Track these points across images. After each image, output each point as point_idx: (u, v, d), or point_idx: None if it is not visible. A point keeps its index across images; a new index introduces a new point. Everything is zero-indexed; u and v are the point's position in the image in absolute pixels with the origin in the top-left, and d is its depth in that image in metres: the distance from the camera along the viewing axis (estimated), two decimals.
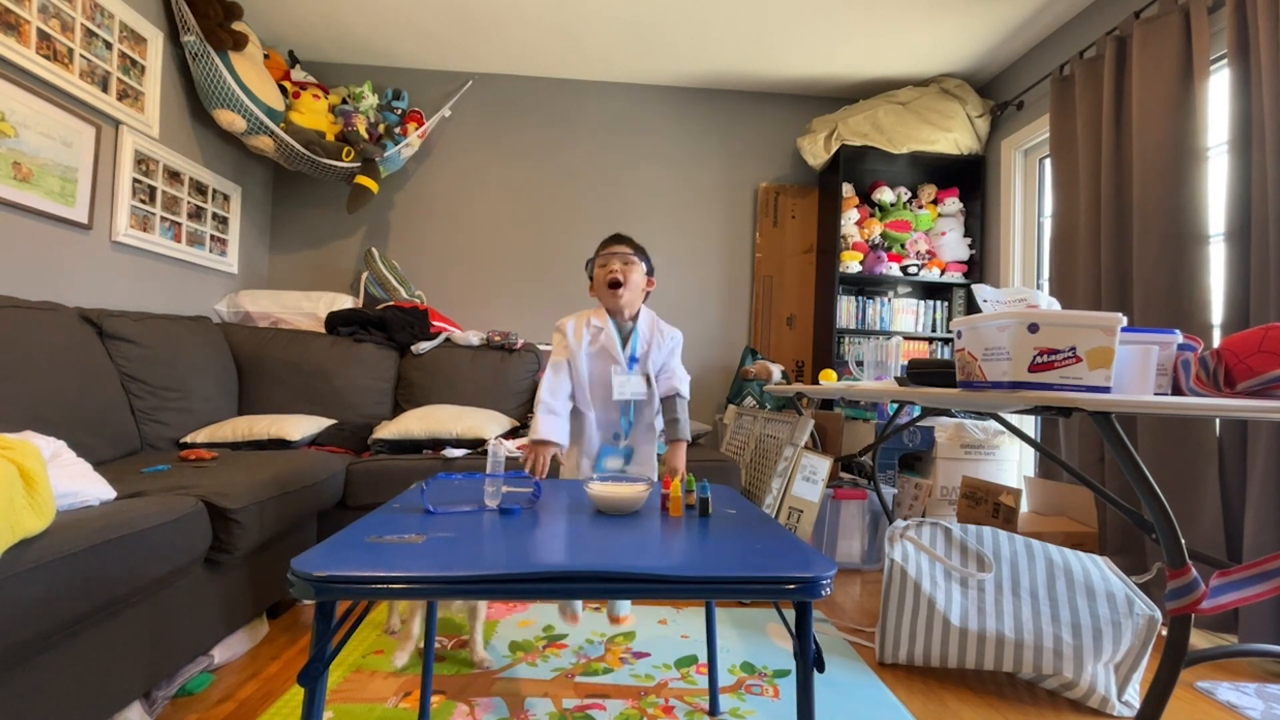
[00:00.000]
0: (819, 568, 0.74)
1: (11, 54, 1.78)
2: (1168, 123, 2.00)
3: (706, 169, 3.37)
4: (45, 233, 1.96)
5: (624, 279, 1.47)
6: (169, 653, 1.30)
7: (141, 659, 1.23)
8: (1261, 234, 1.71)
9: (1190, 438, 1.84)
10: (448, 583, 0.70)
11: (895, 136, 3.01)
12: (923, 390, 1.50)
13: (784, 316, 3.36)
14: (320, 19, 2.86)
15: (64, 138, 1.98)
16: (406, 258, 3.23)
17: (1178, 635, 0.97)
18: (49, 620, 0.97)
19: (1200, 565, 1.59)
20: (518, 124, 3.31)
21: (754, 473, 2.57)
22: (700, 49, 2.99)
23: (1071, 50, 2.51)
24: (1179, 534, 0.99)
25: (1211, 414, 1.07)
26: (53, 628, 0.99)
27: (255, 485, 1.54)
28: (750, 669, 1.59)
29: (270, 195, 3.22)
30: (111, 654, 1.15)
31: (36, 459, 1.03)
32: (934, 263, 3.13)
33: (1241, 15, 1.81)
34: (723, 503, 1.15)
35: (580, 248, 3.31)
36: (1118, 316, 1.08)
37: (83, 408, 1.74)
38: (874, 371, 2.12)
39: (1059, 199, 2.45)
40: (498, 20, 2.82)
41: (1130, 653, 1.43)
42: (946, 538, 1.67)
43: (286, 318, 2.81)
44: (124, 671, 1.18)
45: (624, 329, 1.52)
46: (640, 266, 1.51)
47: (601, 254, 1.52)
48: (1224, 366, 1.12)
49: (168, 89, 2.44)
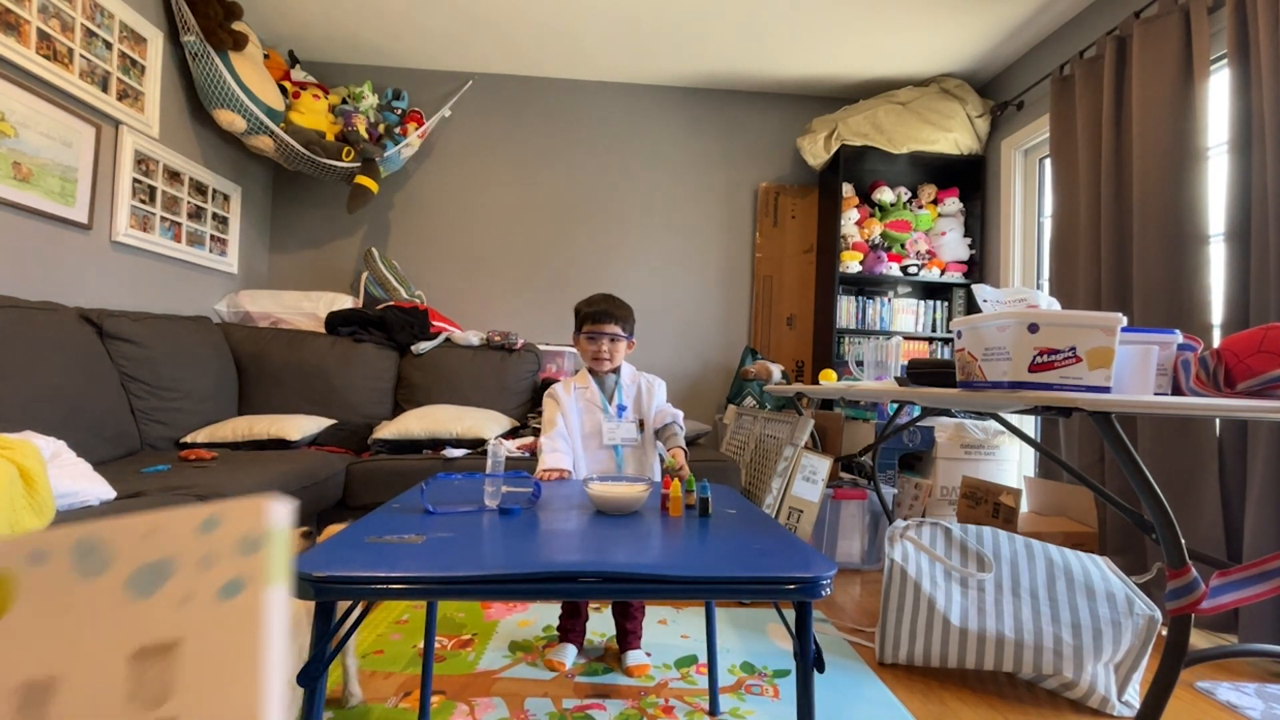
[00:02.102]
0: (819, 568, 0.74)
1: (11, 54, 1.78)
2: (1168, 123, 2.00)
3: (706, 169, 3.37)
4: (45, 233, 1.96)
5: (610, 356, 1.55)
6: None
7: None
8: (1261, 234, 1.71)
9: (1190, 438, 1.84)
10: (448, 583, 0.70)
11: (895, 136, 3.01)
12: (923, 390, 1.50)
13: (784, 316, 3.36)
14: (320, 19, 2.86)
15: (64, 138, 1.98)
16: (406, 258, 3.23)
17: (1178, 635, 0.97)
18: None
19: (1200, 565, 1.58)
20: (518, 124, 3.31)
21: (754, 473, 2.57)
22: (700, 49, 2.99)
23: (1071, 50, 2.51)
24: (1179, 534, 0.99)
25: (1211, 414, 1.07)
26: None
27: (255, 485, 1.55)
28: (750, 669, 1.59)
29: (270, 195, 3.23)
30: None
31: (36, 459, 1.03)
32: (934, 263, 3.13)
33: (1241, 15, 1.81)
34: (723, 503, 1.15)
35: (580, 247, 3.31)
36: (1118, 316, 1.08)
37: (83, 408, 1.74)
38: (874, 371, 2.12)
39: (1059, 199, 2.45)
40: (498, 20, 2.82)
41: (1130, 653, 1.43)
42: (946, 538, 1.67)
43: (286, 318, 2.81)
44: None
45: (607, 384, 1.59)
46: (623, 342, 1.57)
47: (588, 330, 1.55)
48: (1224, 366, 1.12)
49: (168, 89, 2.44)
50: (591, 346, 1.55)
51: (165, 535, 0.29)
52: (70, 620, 0.28)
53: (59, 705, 0.26)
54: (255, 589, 0.28)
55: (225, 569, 0.28)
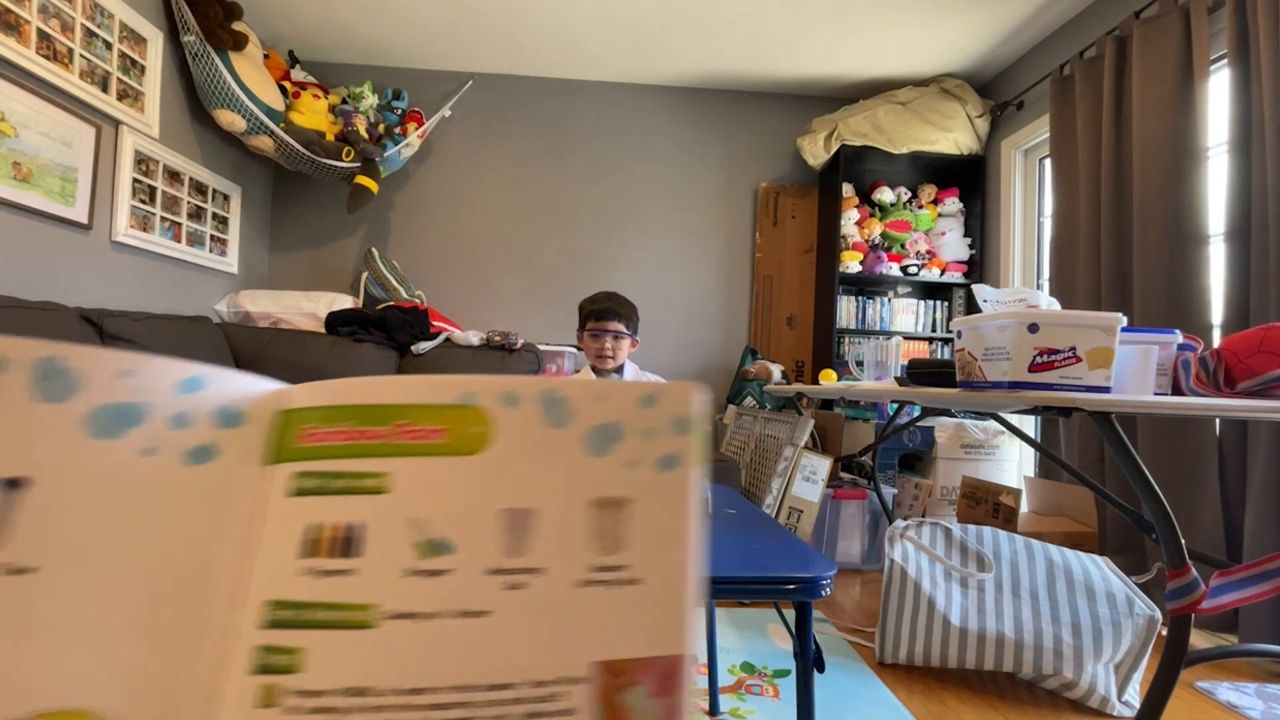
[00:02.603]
0: (819, 568, 0.74)
1: (11, 54, 1.78)
2: (1168, 123, 2.00)
3: (706, 169, 3.37)
4: (45, 233, 1.96)
5: (614, 354, 1.54)
6: None
7: None
8: (1261, 234, 1.71)
9: (1190, 438, 1.84)
10: None
11: (895, 136, 3.01)
12: (923, 390, 1.50)
13: (784, 316, 3.36)
14: (320, 19, 2.86)
15: (64, 138, 1.98)
16: (406, 258, 3.23)
17: (1178, 635, 0.97)
18: None
19: (1200, 565, 1.58)
20: (518, 124, 3.31)
21: (754, 473, 2.57)
22: (700, 49, 2.99)
23: (1071, 50, 2.51)
24: (1179, 534, 0.99)
25: (1211, 414, 1.07)
26: None
27: None
28: (750, 669, 1.59)
29: (270, 195, 3.23)
30: None
31: None
32: (934, 263, 3.13)
33: (1241, 15, 1.81)
34: (723, 503, 1.15)
35: (580, 247, 3.31)
36: (1118, 316, 1.08)
37: None
38: (874, 371, 2.12)
39: (1059, 199, 2.45)
40: (498, 20, 2.82)
41: (1130, 653, 1.43)
42: (946, 538, 1.67)
43: (286, 318, 2.81)
44: None
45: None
46: (627, 340, 1.56)
47: (591, 327, 1.54)
48: (1224, 366, 1.12)
49: (168, 89, 2.44)
50: (595, 344, 1.54)
51: (613, 402, 0.32)
52: (541, 464, 0.31)
53: (537, 532, 0.30)
54: (687, 466, 0.31)
55: (663, 443, 0.31)
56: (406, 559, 0.29)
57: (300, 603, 0.29)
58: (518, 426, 0.31)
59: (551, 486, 0.30)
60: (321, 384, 0.33)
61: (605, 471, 0.30)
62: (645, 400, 0.31)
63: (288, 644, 0.28)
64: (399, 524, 0.30)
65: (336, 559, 0.29)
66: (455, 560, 0.30)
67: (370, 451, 0.30)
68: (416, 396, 0.31)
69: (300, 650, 0.28)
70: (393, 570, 0.29)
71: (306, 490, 0.30)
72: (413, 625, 0.29)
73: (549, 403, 0.31)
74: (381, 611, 0.29)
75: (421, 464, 0.30)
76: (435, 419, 0.31)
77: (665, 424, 0.31)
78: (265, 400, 0.32)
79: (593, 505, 0.30)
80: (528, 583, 0.29)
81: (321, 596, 0.29)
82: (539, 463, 0.31)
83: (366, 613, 0.28)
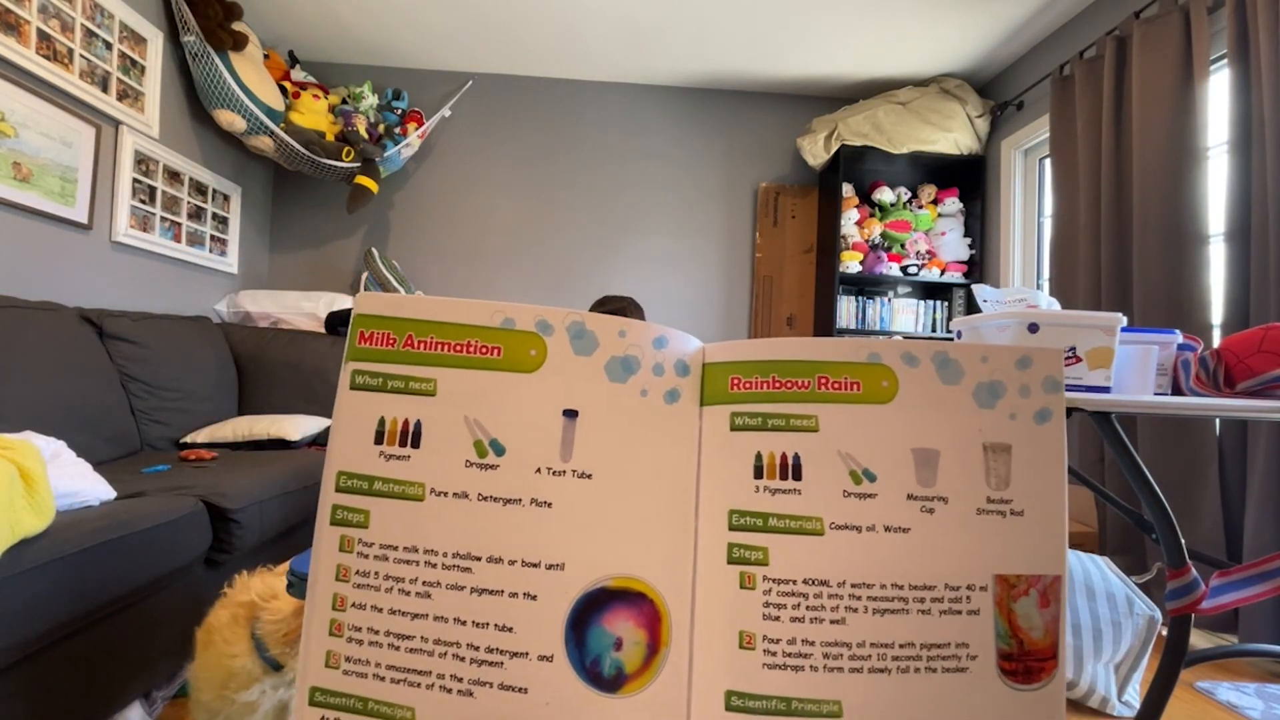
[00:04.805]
0: None
1: (11, 54, 1.78)
2: (1168, 123, 2.00)
3: (706, 169, 3.37)
4: (45, 233, 1.96)
5: None
6: (169, 653, 1.30)
7: (142, 659, 1.23)
8: (1261, 234, 1.71)
9: (1190, 438, 1.84)
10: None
11: (895, 136, 3.01)
12: None
13: (784, 316, 3.36)
14: (320, 19, 2.86)
15: (64, 138, 1.98)
16: (406, 258, 3.24)
17: (1178, 635, 0.97)
18: (49, 620, 0.97)
19: (1200, 565, 1.58)
20: (518, 124, 3.31)
21: None
22: (700, 49, 2.99)
23: (1071, 50, 2.51)
24: (1179, 534, 0.99)
25: (1211, 414, 1.07)
26: (52, 627, 0.99)
27: (255, 485, 1.54)
28: None
29: (270, 195, 3.23)
30: (111, 654, 1.15)
31: (36, 459, 1.03)
32: (934, 263, 3.13)
33: (1241, 15, 1.81)
34: None
35: (580, 247, 3.31)
36: (1118, 316, 1.07)
37: (83, 408, 1.74)
38: None
39: (1059, 199, 2.45)
40: (498, 20, 2.82)
41: (1130, 653, 1.43)
42: None
43: (286, 318, 2.81)
44: (124, 671, 1.18)
45: None
46: None
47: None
48: (1224, 366, 1.12)
49: (168, 89, 2.44)
50: None
51: (995, 364, 0.39)
52: (941, 413, 0.38)
53: (943, 469, 0.37)
54: (1058, 420, 0.39)
55: (1038, 399, 0.38)
56: (843, 483, 0.38)
57: (759, 513, 0.38)
58: (919, 382, 0.38)
59: (950, 432, 0.38)
60: (733, 343, 0.42)
61: (992, 421, 0.38)
62: (1021, 363, 0.38)
63: (754, 544, 0.37)
64: (832, 456, 0.38)
65: (783, 481, 0.38)
66: (879, 486, 0.38)
67: (800, 398, 0.38)
68: (830, 354, 0.40)
69: (765, 549, 0.37)
70: (833, 491, 0.38)
71: (748, 426, 0.38)
72: (853, 535, 0.37)
73: (941, 362, 0.39)
74: (828, 523, 0.37)
75: (844, 410, 0.38)
76: (849, 373, 0.38)
77: (1038, 383, 0.38)
78: (696, 354, 0.41)
79: (984, 449, 0.38)
80: (937, 508, 0.38)
81: (776, 509, 0.37)
82: (939, 412, 0.38)
83: (815, 523, 0.37)
